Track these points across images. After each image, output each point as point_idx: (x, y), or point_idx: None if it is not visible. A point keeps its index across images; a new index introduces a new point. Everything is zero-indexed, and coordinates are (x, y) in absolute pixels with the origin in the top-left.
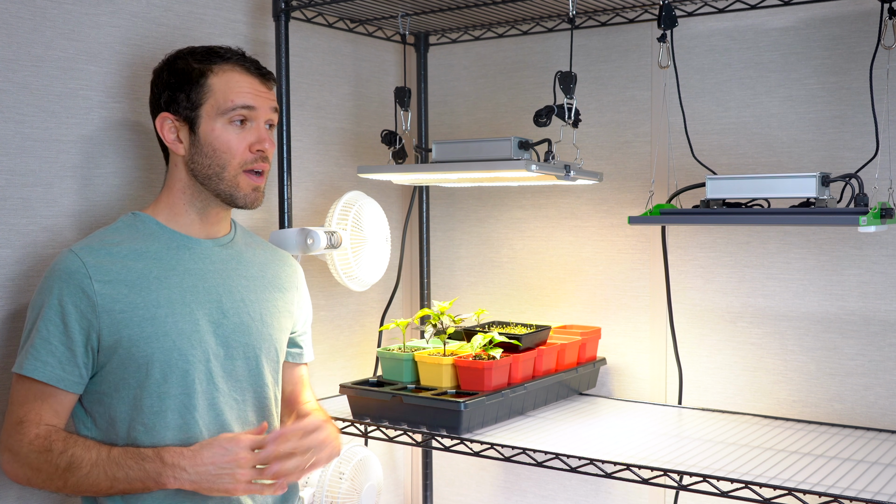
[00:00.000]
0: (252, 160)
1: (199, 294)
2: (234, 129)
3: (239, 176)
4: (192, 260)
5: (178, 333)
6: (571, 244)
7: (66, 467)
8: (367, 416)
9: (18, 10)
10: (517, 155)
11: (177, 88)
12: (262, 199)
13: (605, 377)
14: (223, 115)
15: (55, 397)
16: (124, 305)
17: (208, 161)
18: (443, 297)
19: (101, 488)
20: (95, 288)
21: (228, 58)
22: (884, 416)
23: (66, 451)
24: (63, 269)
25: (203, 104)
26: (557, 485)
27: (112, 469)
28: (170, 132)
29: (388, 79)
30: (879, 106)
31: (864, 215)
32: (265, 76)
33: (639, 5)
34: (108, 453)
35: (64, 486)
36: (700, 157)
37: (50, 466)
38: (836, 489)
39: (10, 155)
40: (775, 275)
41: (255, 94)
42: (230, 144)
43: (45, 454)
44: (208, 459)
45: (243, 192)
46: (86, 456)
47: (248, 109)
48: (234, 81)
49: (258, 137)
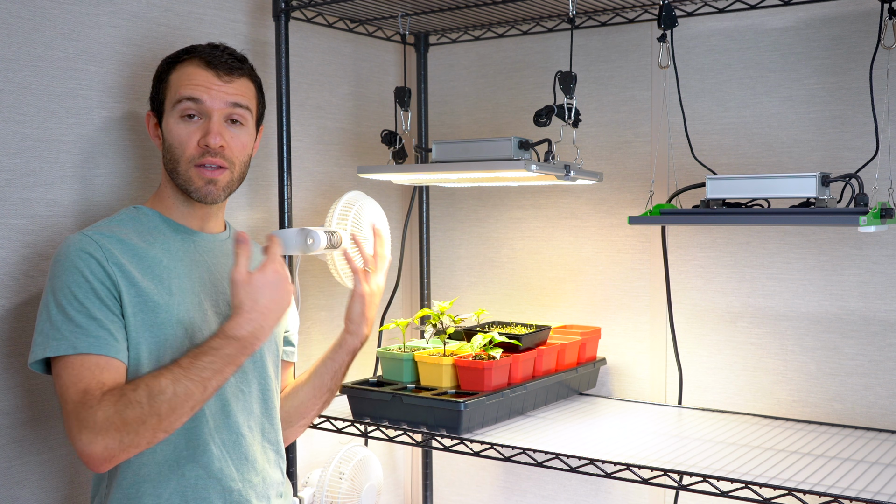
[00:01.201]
0: (200, 155)
1: (206, 285)
2: (184, 123)
3: (190, 170)
4: (197, 252)
5: (189, 321)
6: (571, 244)
7: (149, 398)
8: (367, 416)
9: (18, 10)
10: (517, 155)
11: (154, 86)
12: (220, 193)
13: (605, 377)
14: (174, 108)
15: (112, 367)
16: (138, 290)
17: (168, 155)
18: (443, 297)
19: (196, 396)
20: (112, 269)
21: (196, 54)
22: (884, 416)
23: (138, 388)
24: (80, 247)
25: (165, 99)
26: (557, 485)
27: (195, 373)
28: (151, 128)
29: (388, 79)
30: (879, 106)
31: (864, 215)
32: (230, 71)
33: (639, 5)
34: (178, 367)
35: (159, 419)
36: (700, 157)
37: (134, 409)
38: (836, 489)
39: (10, 155)
40: (775, 275)
41: (205, 87)
42: (180, 138)
43: (122, 400)
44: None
45: (195, 185)
46: (160, 380)
47: (194, 102)
48: (187, 75)
49: (205, 131)
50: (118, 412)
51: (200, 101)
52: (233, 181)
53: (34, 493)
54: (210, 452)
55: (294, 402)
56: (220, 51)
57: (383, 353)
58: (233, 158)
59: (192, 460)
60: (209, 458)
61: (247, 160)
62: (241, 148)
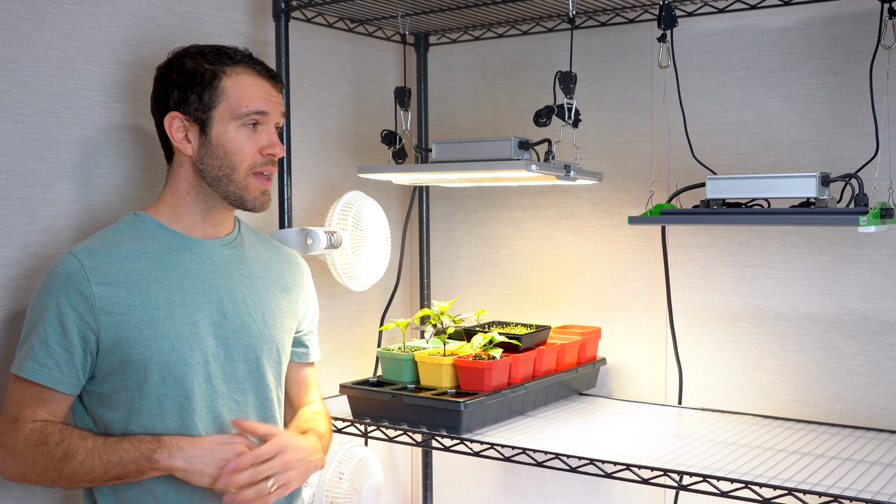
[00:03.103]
0: (262, 163)
1: (198, 295)
2: (245, 131)
3: (248, 178)
4: (192, 261)
5: (176, 335)
6: (571, 244)
7: (62, 457)
8: (367, 416)
9: (18, 10)
10: (517, 155)
11: (187, 89)
12: (269, 202)
13: (605, 377)
14: (237, 118)
15: (52, 398)
16: (123, 307)
17: (219, 163)
18: (443, 297)
19: (95, 475)
20: (94, 290)
21: (239, 60)
22: (884, 416)
23: (62, 442)
24: (62, 271)
25: (216, 106)
26: (557, 485)
27: (107, 453)
28: (178, 132)
29: (388, 79)
30: (879, 106)
31: (864, 215)
32: (275, 79)
33: (639, 5)
34: (104, 440)
35: (59, 477)
36: (700, 157)
37: (45, 458)
38: (836, 489)
39: (10, 155)
40: (775, 275)
41: (267, 98)
42: (242, 147)
43: (41, 447)
44: (199, 462)
45: (252, 194)
46: (82, 445)
47: (262, 115)
48: (248, 85)
49: (270, 141)
50: (33, 454)
51: (267, 114)
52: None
53: (35, 493)
54: None
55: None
56: (257, 59)
57: (383, 353)
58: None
59: None
60: None
61: None
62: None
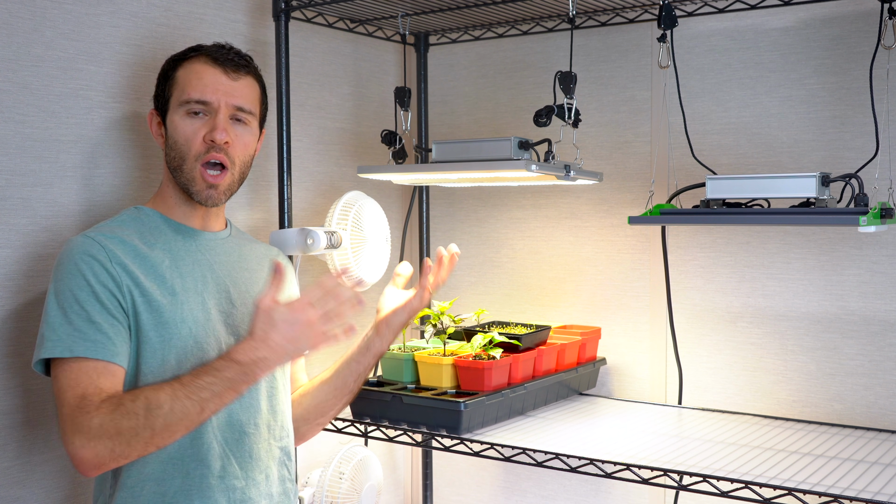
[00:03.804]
0: (205, 150)
1: (209, 284)
2: (190, 119)
3: (195, 170)
4: (199, 251)
5: (193, 321)
6: (571, 244)
7: (146, 411)
8: (367, 416)
9: (18, 10)
10: (517, 155)
11: (158, 83)
12: (220, 197)
13: (605, 377)
14: (181, 105)
15: (110, 372)
16: (141, 291)
17: (173, 153)
18: (443, 297)
19: (192, 416)
20: (117, 270)
21: (204, 52)
22: (884, 416)
23: (137, 398)
24: (83, 250)
25: (171, 97)
26: (557, 485)
27: (194, 392)
28: (153, 126)
29: (388, 79)
30: (879, 106)
31: (864, 215)
32: (236, 68)
33: (639, 5)
34: (179, 383)
35: (153, 433)
36: (700, 157)
37: (130, 420)
38: (836, 489)
39: (10, 155)
40: (775, 275)
41: (213, 88)
42: (186, 135)
43: (119, 409)
44: (280, 338)
45: (198, 187)
46: (159, 394)
47: (203, 104)
48: (195, 73)
49: (211, 127)
50: (114, 421)
51: (208, 104)
52: (233, 183)
53: (35, 493)
54: (213, 451)
55: (315, 399)
56: (226, 49)
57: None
58: (234, 157)
59: (195, 459)
60: (213, 456)
61: (248, 161)
62: (244, 147)
